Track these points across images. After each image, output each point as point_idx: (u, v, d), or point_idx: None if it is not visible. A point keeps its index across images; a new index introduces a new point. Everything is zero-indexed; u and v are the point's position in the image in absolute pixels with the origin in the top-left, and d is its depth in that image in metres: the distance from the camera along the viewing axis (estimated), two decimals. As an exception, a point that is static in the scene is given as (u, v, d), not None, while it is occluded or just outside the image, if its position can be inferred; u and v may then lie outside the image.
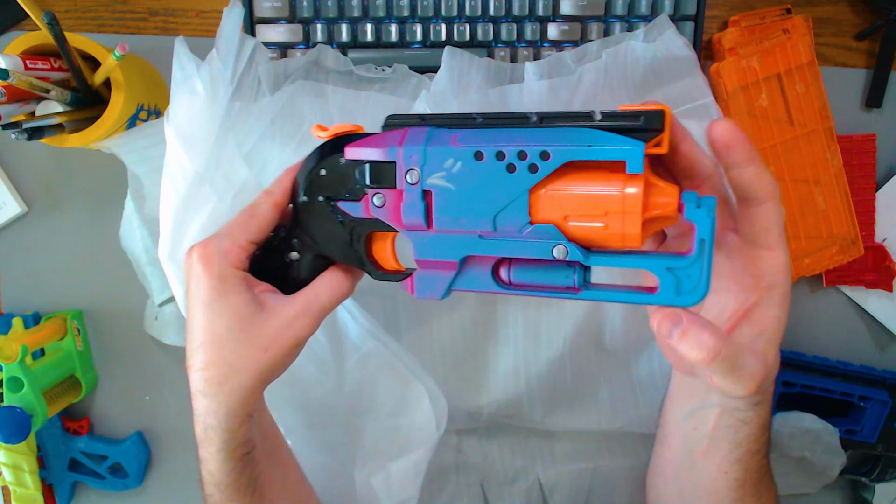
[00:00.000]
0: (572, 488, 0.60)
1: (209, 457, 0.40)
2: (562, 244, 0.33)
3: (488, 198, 0.34)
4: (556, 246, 0.33)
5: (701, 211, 0.31)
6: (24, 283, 0.62)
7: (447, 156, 0.34)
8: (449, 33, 0.57)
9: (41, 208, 0.61)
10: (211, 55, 0.50)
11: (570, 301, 0.56)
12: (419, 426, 0.54)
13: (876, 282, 0.61)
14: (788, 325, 0.62)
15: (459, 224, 0.35)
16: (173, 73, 0.50)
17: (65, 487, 0.63)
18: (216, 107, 0.49)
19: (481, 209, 0.34)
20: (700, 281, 0.32)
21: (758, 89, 0.56)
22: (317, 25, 0.57)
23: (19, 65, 0.49)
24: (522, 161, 0.33)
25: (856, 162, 0.59)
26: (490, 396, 0.58)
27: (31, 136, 0.49)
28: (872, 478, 0.62)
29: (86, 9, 0.59)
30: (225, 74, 0.50)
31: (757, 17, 0.57)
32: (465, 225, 0.35)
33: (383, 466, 0.54)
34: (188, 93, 0.49)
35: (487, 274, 0.36)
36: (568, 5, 0.57)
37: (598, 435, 0.60)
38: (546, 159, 0.32)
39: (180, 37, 0.50)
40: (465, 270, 0.37)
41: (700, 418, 0.41)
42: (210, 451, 0.40)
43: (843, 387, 0.59)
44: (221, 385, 0.38)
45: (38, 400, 0.55)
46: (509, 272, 0.36)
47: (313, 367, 0.53)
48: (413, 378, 0.54)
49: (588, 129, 0.32)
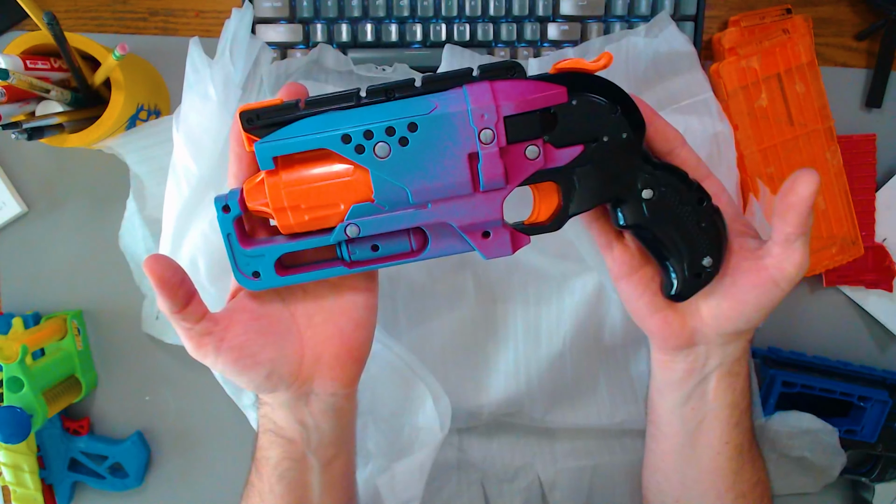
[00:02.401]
0: (572, 486, 0.60)
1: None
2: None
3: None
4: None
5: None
6: (24, 283, 0.62)
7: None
8: (449, 33, 0.57)
9: (41, 208, 0.61)
10: (223, 57, 0.50)
11: (569, 298, 0.57)
12: (422, 426, 0.54)
13: (876, 282, 0.61)
14: (788, 325, 0.63)
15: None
16: (186, 74, 0.50)
17: (65, 487, 0.63)
18: (226, 112, 0.49)
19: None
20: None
21: (758, 89, 0.56)
22: (317, 25, 0.57)
23: (19, 65, 0.49)
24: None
25: (856, 162, 0.59)
26: (490, 395, 0.58)
27: (31, 136, 0.49)
28: (872, 478, 0.62)
29: (86, 9, 0.59)
30: (236, 77, 0.50)
31: (757, 17, 0.57)
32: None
33: (387, 467, 0.54)
34: (200, 95, 0.49)
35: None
36: (568, 5, 0.57)
37: (599, 432, 0.60)
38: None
39: (195, 38, 0.50)
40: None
41: (698, 394, 0.43)
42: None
43: (842, 387, 0.59)
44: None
45: (38, 400, 0.55)
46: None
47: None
48: (416, 378, 0.54)
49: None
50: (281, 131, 0.35)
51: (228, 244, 0.37)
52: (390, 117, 0.34)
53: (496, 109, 0.34)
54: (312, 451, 0.40)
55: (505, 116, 0.34)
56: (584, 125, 0.36)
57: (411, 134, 0.34)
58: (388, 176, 0.35)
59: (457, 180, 0.35)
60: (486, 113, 0.34)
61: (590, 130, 0.36)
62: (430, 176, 0.35)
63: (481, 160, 0.34)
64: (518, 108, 0.34)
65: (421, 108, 0.34)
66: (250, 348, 0.37)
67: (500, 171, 0.35)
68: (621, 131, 0.36)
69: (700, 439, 0.44)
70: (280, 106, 0.35)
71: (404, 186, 0.35)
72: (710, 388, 0.42)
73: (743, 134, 0.56)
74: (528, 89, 0.35)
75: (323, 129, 0.35)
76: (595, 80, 0.36)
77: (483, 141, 0.34)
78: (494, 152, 0.34)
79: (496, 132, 0.34)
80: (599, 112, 0.35)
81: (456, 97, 0.34)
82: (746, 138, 0.57)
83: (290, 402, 0.39)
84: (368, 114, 0.34)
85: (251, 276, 0.37)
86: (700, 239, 0.38)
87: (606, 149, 0.36)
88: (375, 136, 0.34)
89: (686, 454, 0.45)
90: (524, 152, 0.35)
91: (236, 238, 0.37)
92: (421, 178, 0.35)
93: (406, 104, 0.34)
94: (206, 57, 0.50)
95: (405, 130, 0.34)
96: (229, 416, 0.62)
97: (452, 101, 0.34)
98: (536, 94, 0.34)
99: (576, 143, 0.36)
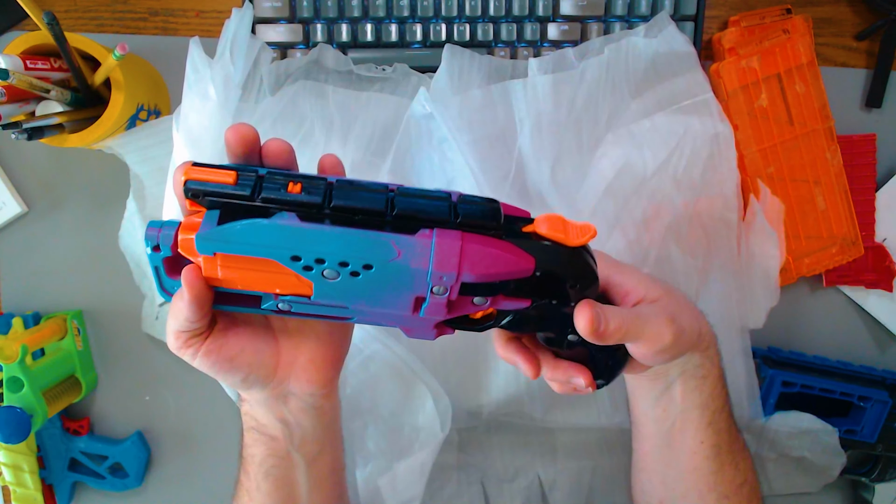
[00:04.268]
0: (572, 486, 0.60)
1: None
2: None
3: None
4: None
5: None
6: (24, 283, 0.62)
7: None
8: (449, 33, 0.57)
9: (41, 208, 0.61)
10: (223, 57, 0.50)
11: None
12: (423, 426, 0.54)
13: (876, 282, 0.61)
14: (788, 326, 0.63)
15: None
16: (186, 74, 0.50)
17: (65, 487, 0.63)
18: (226, 111, 0.49)
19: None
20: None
21: (758, 89, 0.56)
22: (317, 25, 0.57)
23: (19, 65, 0.49)
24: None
25: (856, 162, 0.59)
26: (490, 395, 0.58)
27: (31, 136, 0.49)
28: (872, 478, 0.62)
29: (86, 9, 0.59)
30: (236, 77, 0.50)
31: (757, 17, 0.57)
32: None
33: (388, 467, 0.54)
34: (200, 95, 0.49)
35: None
36: (568, 5, 0.57)
37: (598, 432, 0.60)
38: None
39: (195, 37, 0.50)
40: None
41: (667, 398, 0.43)
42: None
43: (842, 387, 0.59)
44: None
45: (38, 400, 0.55)
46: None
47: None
48: (416, 379, 0.54)
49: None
50: (227, 228, 0.31)
51: (156, 273, 0.35)
52: (348, 252, 0.31)
53: (457, 277, 0.32)
54: (296, 448, 0.40)
55: (463, 283, 0.32)
56: (539, 291, 0.35)
57: (365, 271, 0.32)
58: (331, 292, 0.33)
59: (399, 312, 0.34)
60: (446, 276, 0.31)
61: (543, 293, 0.35)
62: (374, 303, 0.33)
63: (427, 303, 0.33)
64: (479, 279, 0.32)
65: (382, 254, 0.31)
66: (228, 353, 0.36)
67: (444, 312, 0.34)
68: (572, 300, 0.35)
69: (675, 440, 0.44)
70: (232, 190, 0.31)
71: (346, 304, 0.34)
72: (677, 391, 0.43)
73: (743, 134, 0.56)
74: (496, 261, 0.32)
75: (273, 241, 0.31)
76: (569, 257, 0.34)
77: (434, 293, 0.32)
78: (442, 301, 0.33)
79: (450, 290, 0.32)
80: (559, 285, 0.35)
81: (421, 250, 0.31)
82: (746, 138, 0.57)
83: (268, 400, 0.39)
84: (325, 239, 0.31)
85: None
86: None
87: (553, 307, 0.36)
88: (327, 263, 0.31)
89: (665, 454, 0.45)
90: (472, 300, 0.34)
91: (164, 271, 0.34)
92: (364, 303, 0.33)
93: (368, 242, 0.31)
94: (206, 57, 0.51)
95: (359, 268, 0.32)
96: (229, 416, 0.62)
97: (416, 253, 0.31)
98: (502, 269, 0.32)
99: (525, 298, 0.35)
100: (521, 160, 0.55)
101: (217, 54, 0.51)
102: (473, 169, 0.53)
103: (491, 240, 0.32)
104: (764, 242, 0.56)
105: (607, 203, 0.55)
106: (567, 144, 0.56)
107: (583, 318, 0.35)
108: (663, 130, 0.55)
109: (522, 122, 0.55)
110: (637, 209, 0.55)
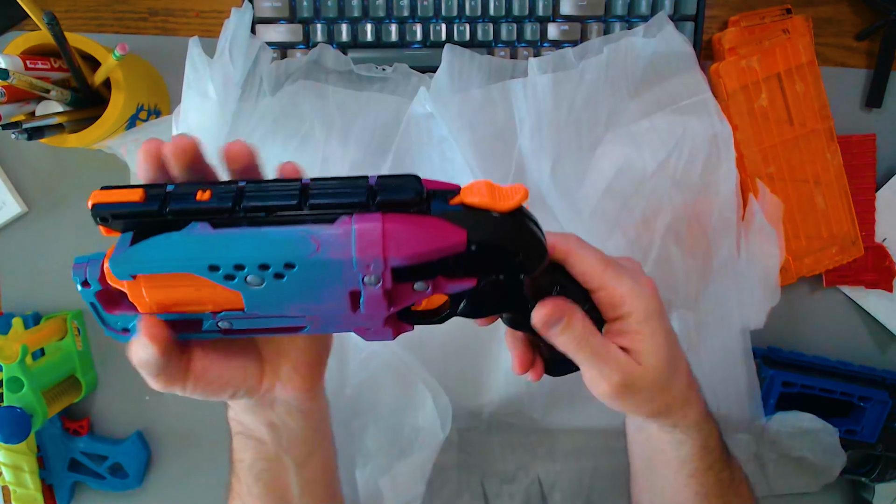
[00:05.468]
0: (572, 486, 0.60)
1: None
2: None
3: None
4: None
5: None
6: (24, 283, 0.62)
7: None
8: (449, 33, 0.57)
9: (41, 208, 0.61)
10: (222, 57, 0.50)
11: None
12: (423, 427, 0.54)
13: (876, 282, 0.61)
14: (788, 326, 0.63)
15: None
16: (186, 73, 0.50)
17: (65, 487, 0.63)
18: (225, 111, 0.49)
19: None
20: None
21: (758, 89, 0.56)
22: (317, 25, 0.57)
23: (19, 65, 0.49)
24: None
25: (856, 162, 0.59)
26: (490, 395, 0.58)
27: (31, 136, 0.49)
28: (872, 478, 0.62)
29: (86, 9, 0.59)
30: (235, 77, 0.50)
31: (757, 17, 0.57)
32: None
33: (388, 467, 0.54)
34: (199, 95, 0.49)
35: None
36: (568, 5, 0.57)
37: (598, 433, 0.60)
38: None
39: (195, 37, 0.50)
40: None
41: (648, 431, 0.42)
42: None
43: (843, 387, 0.59)
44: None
45: (38, 400, 0.55)
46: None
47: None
48: (416, 379, 0.54)
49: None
50: (139, 247, 0.30)
51: (94, 310, 0.34)
52: (264, 254, 0.29)
53: (384, 262, 0.30)
54: (285, 451, 0.40)
55: (393, 267, 0.30)
56: (481, 266, 0.32)
57: (288, 271, 0.30)
58: (262, 301, 0.31)
59: (336, 310, 0.32)
60: (372, 264, 0.30)
61: (487, 270, 0.33)
62: (308, 302, 0.31)
63: (363, 297, 0.31)
64: (408, 261, 0.30)
65: (300, 250, 0.29)
66: (214, 372, 0.36)
67: (384, 304, 0.32)
68: (520, 273, 0.33)
69: (658, 470, 0.43)
70: (140, 209, 0.30)
71: (279, 310, 0.32)
72: (654, 433, 0.41)
73: (743, 134, 0.56)
74: (423, 238, 0.30)
75: (187, 254, 0.29)
76: (503, 223, 0.31)
77: (367, 283, 0.30)
78: (378, 293, 0.31)
79: (382, 279, 0.30)
80: (500, 256, 0.32)
81: (341, 239, 0.29)
82: (746, 138, 0.56)
83: (254, 406, 0.39)
84: (238, 242, 0.30)
85: (120, 331, 0.35)
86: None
87: (502, 283, 0.33)
88: (247, 269, 0.30)
89: (650, 478, 0.44)
90: (412, 287, 0.32)
91: (101, 307, 0.33)
92: (298, 304, 0.32)
93: (283, 240, 0.29)
94: (205, 56, 0.51)
95: (281, 268, 0.30)
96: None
97: (336, 244, 0.29)
98: (431, 247, 0.30)
99: (470, 277, 0.33)
100: (521, 160, 0.56)
101: (217, 54, 0.51)
102: (473, 168, 0.53)
103: (415, 217, 0.30)
104: (764, 242, 0.56)
105: (607, 203, 0.55)
106: (567, 144, 0.56)
107: (539, 312, 0.34)
108: (662, 130, 0.56)
109: (522, 121, 0.55)
110: (637, 209, 0.55)
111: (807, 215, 0.58)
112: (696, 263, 0.56)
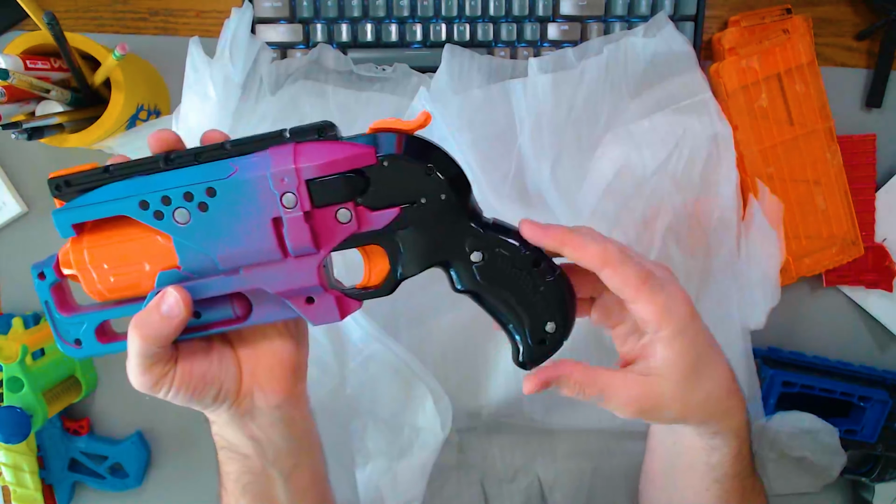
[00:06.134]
0: (572, 487, 0.60)
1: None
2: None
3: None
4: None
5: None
6: (24, 283, 0.62)
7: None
8: (449, 33, 0.57)
9: (41, 208, 0.61)
10: (222, 57, 0.50)
11: None
12: (423, 427, 0.54)
13: (876, 282, 0.61)
14: (788, 326, 0.63)
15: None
16: (186, 74, 0.50)
17: (65, 487, 0.63)
18: (226, 111, 0.49)
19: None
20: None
21: (758, 89, 0.56)
22: (317, 25, 0.57)
23: (19, 65, 0.49)
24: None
25: (856, 162, 0.59)
26: (490, 396, 0.58)
27: (31, 136, 0.49)
28: (872, 478, 0.62)
29: (86, 9, 0.59)
30: (235, 77, 0.50)
31: (757, 17, 0.57)
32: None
33: (388, 467, 0.54)
34: (199, 95, 0.49)
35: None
36: (568, 5, 0.57)
37: (599, 434, 0.60)
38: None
39: (195, 37, 0.50)
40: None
41: (679, 434, 0.42)
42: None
43: (843, 387, 0.59)
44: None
45: (38, 400, 0.55)
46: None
47: (314, 368, 0.53)
48: (416, 379, 0.54)
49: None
50: (80, 199, 0.34)
51: (47, 311, 0.36)
52: (189, 182, 0.33)
53: (296, 172, 0.32)
54: (271, 464, 0.39)
55: (307, 180, 0.32)
56: (399, 187, 0.33)
57: (210, 199, 0.32)
58: (191, 243, 0.33)
59: (263, 246, 0.33)
60: (287, 177, 0.32)
61: (406, 193, 0.34)
62: (235, 242, 0.33)
63: (285, 225, 0.33)
64: (320, 170, 0.32)
65: (220, 173, 0.32)
66: (196, 372, 0.36)
67: (308, 237, 0.33)
68: (439, 193, 0.34)
69: (682, 473, 0.43)
70: (88, 172, 0.34)
71: (209, 253, 0.33)
72: (686, 438, 0.41)
73: (743, 134, 0.56)
74: (333, 151, 0.32)
75: (121, 194, 0.33)
76: (410, 140, 0.34)
77: (285, 205, 0.32)
78: (299, 217, 0.33)
79: (298, 196, 0.32)
80: (413, 173, 0.33)
81: (258, 161, 0.32)
82: (746, 138, 0.57)
83: (235, 420, 0.39)
84: (169, 179, 0.33)
85: (73, 343, 0.36)
86: (539, 303, 0.35)
87: (427, 211, 0.34)
88: (174, 201, 0.33)
89: (672, 478, 0.44)
90: (335, 216, 0.33)
91: (54, 305, 0.35)
92: (225, 245, 0.33)
93: (206, 168, 0.33)
94: (205, 57, 0.51)
95: (203, 195, 0.32)
96: (229, 416, 0.62)
97: (253, 165, 0.32)
98: (340, 156, 0.32)
99: (392, 205, 0.34)
100: (521, 160, 0.56)
101: (217, 54, 0.51)
102: (473, 168, 0.53)
103: (325, 141, 0.33)
104: (764, 242, 0.56)
105: (607, 203, 0.55)
106: (567, 144, 0.56)
107: (528, 387, 0.36)
108: (662, 130, 0.56)
109: (522, 121, 0.55)
110: (637, 209, 0.55)
111: (807, 215, 0.58)
112: (696, 263, 0.56)
